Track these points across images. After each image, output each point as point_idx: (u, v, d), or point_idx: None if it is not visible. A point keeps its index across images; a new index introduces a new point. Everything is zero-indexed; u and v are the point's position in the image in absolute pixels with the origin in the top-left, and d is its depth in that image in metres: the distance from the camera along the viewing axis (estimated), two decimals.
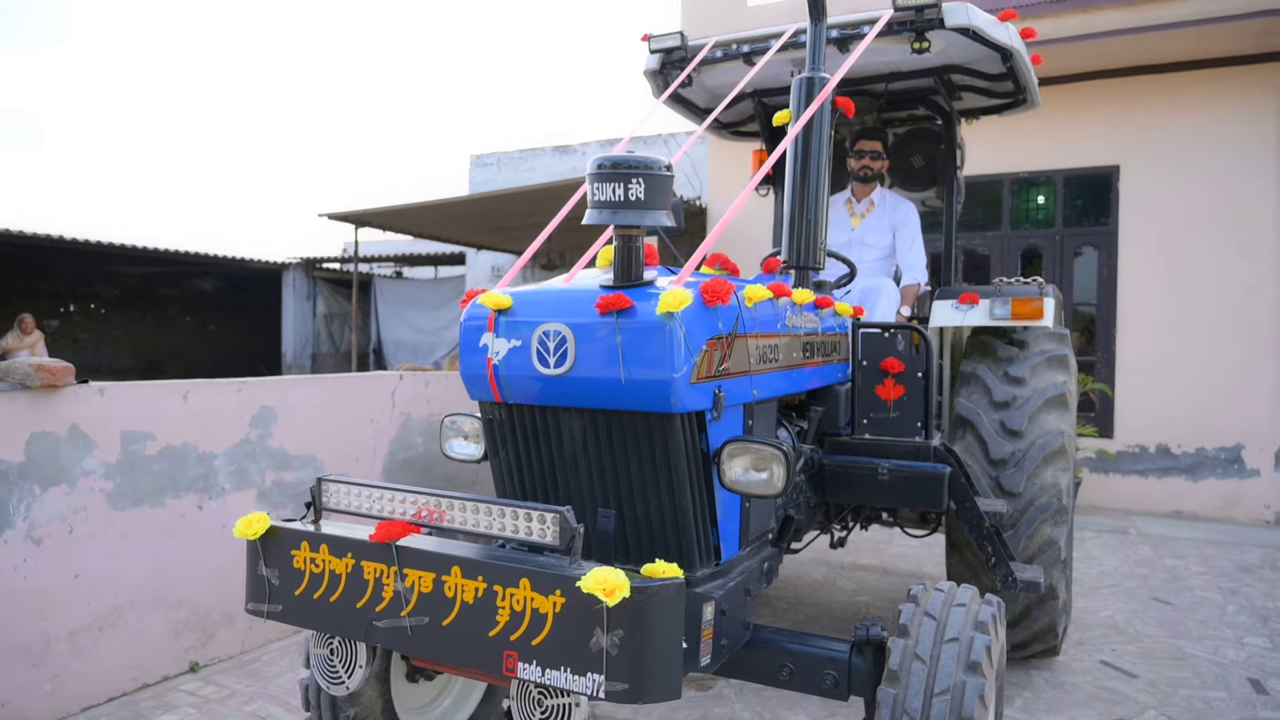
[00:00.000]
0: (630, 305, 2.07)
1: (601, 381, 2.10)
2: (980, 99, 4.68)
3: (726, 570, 2.32)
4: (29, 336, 11.91)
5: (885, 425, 3.42)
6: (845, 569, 5.83)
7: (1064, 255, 8.05)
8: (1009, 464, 3.70)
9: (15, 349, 11.74)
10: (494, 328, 2.25)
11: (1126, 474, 7.73)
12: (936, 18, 3.53)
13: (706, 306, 2.14)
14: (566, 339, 2.13)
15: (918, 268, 4.29)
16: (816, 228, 3.13)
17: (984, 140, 7.81)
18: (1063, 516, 3.68)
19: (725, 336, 2.22)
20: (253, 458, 4.21)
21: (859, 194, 4.45)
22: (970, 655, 1.99)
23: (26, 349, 11.88)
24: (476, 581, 1.63)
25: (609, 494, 2.22)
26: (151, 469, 3.76)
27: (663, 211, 2.11)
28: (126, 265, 16.54)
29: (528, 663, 1.57)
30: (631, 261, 2.17)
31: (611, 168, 2.07)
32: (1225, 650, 4.34)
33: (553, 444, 2.26)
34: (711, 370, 2.16)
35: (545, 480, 2.31)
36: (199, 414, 3.97)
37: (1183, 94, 7.49)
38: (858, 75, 4.33)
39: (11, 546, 3.23)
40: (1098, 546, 6.51)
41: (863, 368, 3.45)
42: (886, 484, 3.26)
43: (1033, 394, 3.80)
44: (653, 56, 4.17)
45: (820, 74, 3.15)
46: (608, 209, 2.08)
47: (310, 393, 4.54)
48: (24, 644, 3.26)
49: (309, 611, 1.85)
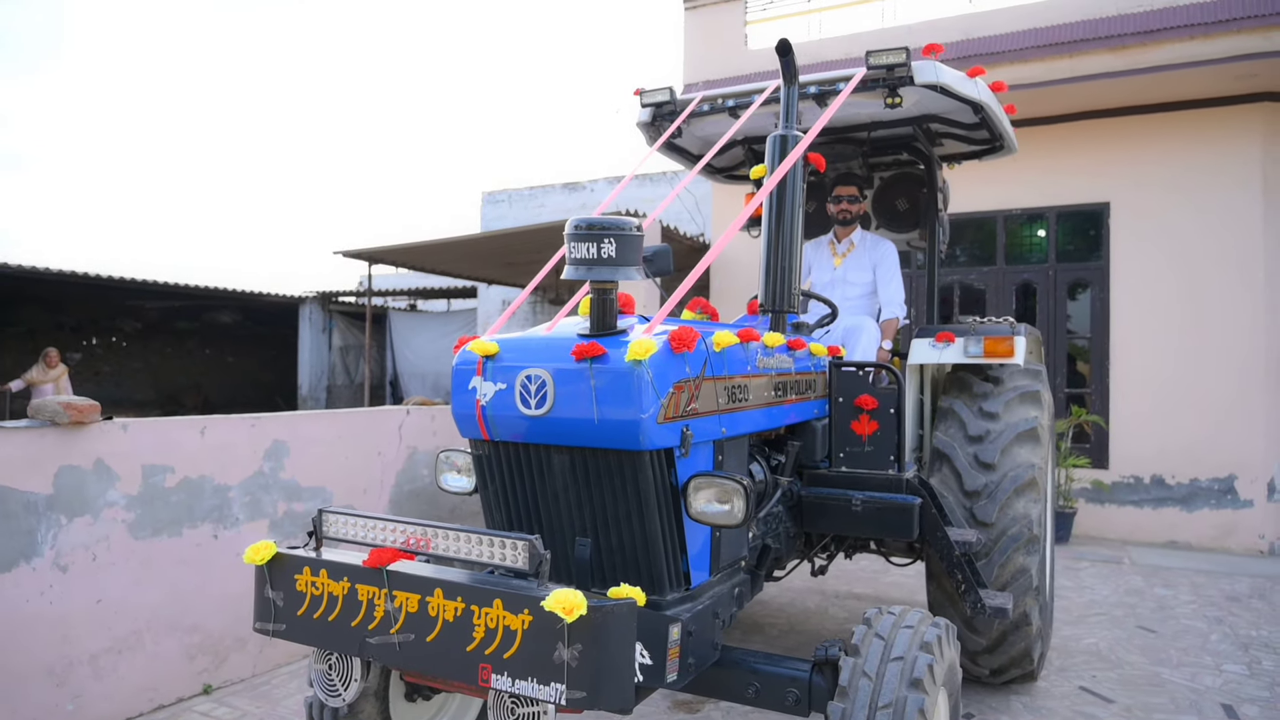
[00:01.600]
0: (603, 352, 2.29)
1: (578, 421, 2.31)
2: (960, 145, 4.91)
3: (696, 595, 2.51)
4: (53, 370, 12.17)
5: (860, 459, 3.61)
6: (839, 597, 5.97)
7: (1057, 290, 8.23)
8: (982, 495, 3.87)
9: (40, 382, 12.01)
10: (482, 372, 2.47)
11: (1122, 504, 7.84)
12: (907, 75, 3.76)
13: (674, 353, 2.36)
14: (546, 382, 2.34)
15: (896, 302, 4.50)
16: (791, 274, 3.36)
17: (978, 178, 8.03)
18: (1035, 546, 3.84)
19: (693, 379, 2.43)
20: (265, 489, 4.44)
21: (840, 235, 4.68)
22: (913, 673, 2.17)
23: (51, 382, 12.13)
24: (456, 602, 1.84)
25: (586, 524, 2.43)
26: (170, 500, 3.99)
27: (633, 267, 2.33)
28: (147, 299, 16.97)
29: (500, 674, 1.77)
30: (605, 312, 2.39)
31: (586, 229, 2.29)
32: (1203, 677, 4.46)
33: (535, 478, 2.47)
34: (679, 411, 2.37)
35: (529, 511, 2.52)
36: (215, 448, 4.20)
37: (1170, 134, 7.71)
38: (841, 124, 4.57)
39: (39, 573, 3.46)
40: (1090, 576, 6.62)
41: (839, 404, 3.64)
42: (860, 515, 3.45)
43: (1005, 428, 3.98)
44: (644, 110, 4.41)
45: (793, 132, 3.39)
46: (583, 265, 2.30)
47: (321, 427, 4.77)
48: (48, 665, 3.48)
49: (310, 630, 2.06)
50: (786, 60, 3.37)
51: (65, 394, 12.42)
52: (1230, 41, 6.56)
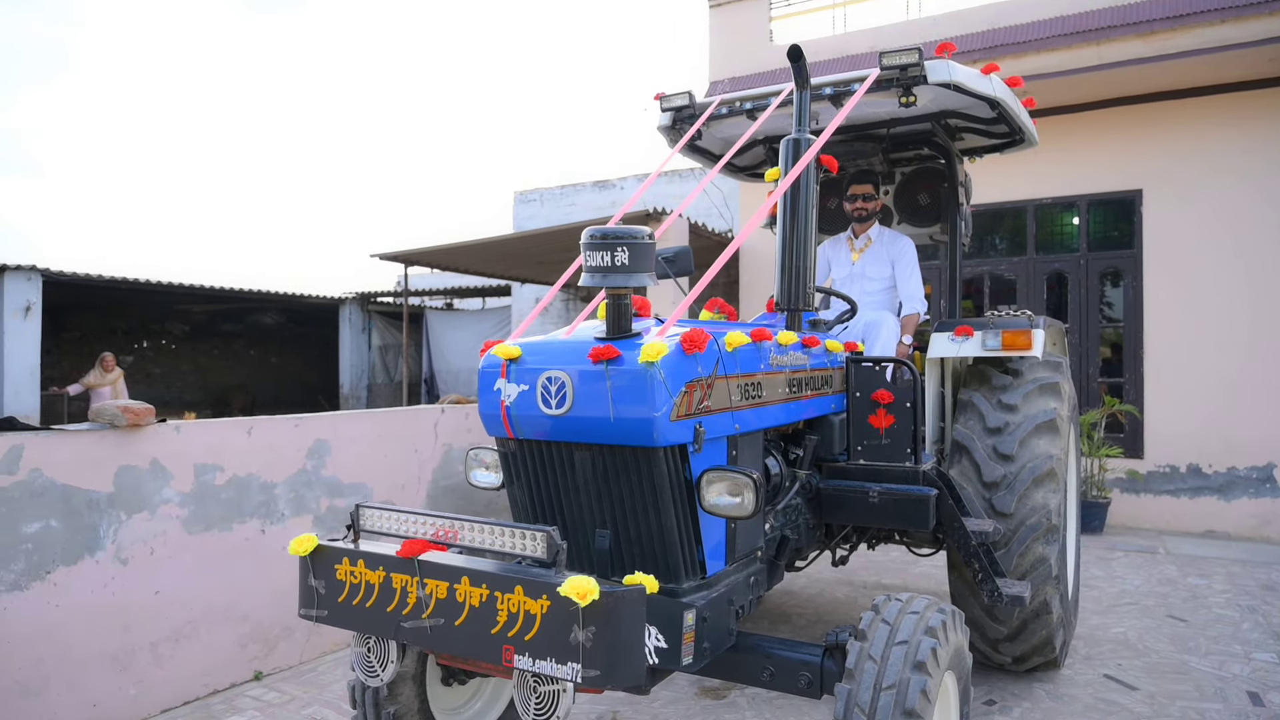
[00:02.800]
0: (618, 355, 2.42)
1: (596, 420, 2.45)
2: (980, 139, 4.96)
3: (711, 583, 2.64)
4: (110, 374, 12.53)
5: (878, 451, 3.70)
6: (867, 588, 6.05)
7: (1089, 279, 8.19)
8: (1001, 486, 3.94)
9: (98, 385, 12.39)
10: (506, 374, 2.62)
11: (1158, 494, 7.80)
12: (920, 75, 3.83)
13: (685, 354, 2.49)
14: (566, 384, 2.49)
15: (916, 298, 4.56)
16: (805, 273, 3.47)
17: (1008, 168, 8.01)
18: (1053, 536, 3.90)
19: (705, 379, 2.56)
20: (309, 486, 4.65)
21: (858, 231, 4.76)
22: (917, 656, 2.28)
23: (108, 385, 12.50)
24: (481, 589, 1.99)
25: (605, 516, 2.57)
26: (220, 497, 4.22)
27: (646, 274, 2.47)
28: (195, 303, 17.48)
29: (522, 655, 1.92)
30: (620, 316, 2.53)
31: (601, 238, 2.43)
32: (1230, 665, 4.48)
33: (557, 474, 2.62)
34: (691, 409, 2.50)
35: (552, 504, 2.67)
36: (261, 447, 4.42)
37: (1201, 119, 7.62)
38: (860, 122, 4.65)
39: (102, 566, 3.70)
40: (1123, 565, 6.62)
41: (856, 399, 3.74)
42: (877, 506, 3.55)
43: (1024, 420, 4.04)
44: (665, 114, 4.53)
45: (805, 135, 3.49)
46: (598, 273, 2.44)
47: (361, 426, 4.98)
48: (111, 652, 3.72)
49: (349, 615, 2.23)
50: (798, 66, 3.47)
51: (122, 396, 12.90)
52: (1261, 24, 6.49)
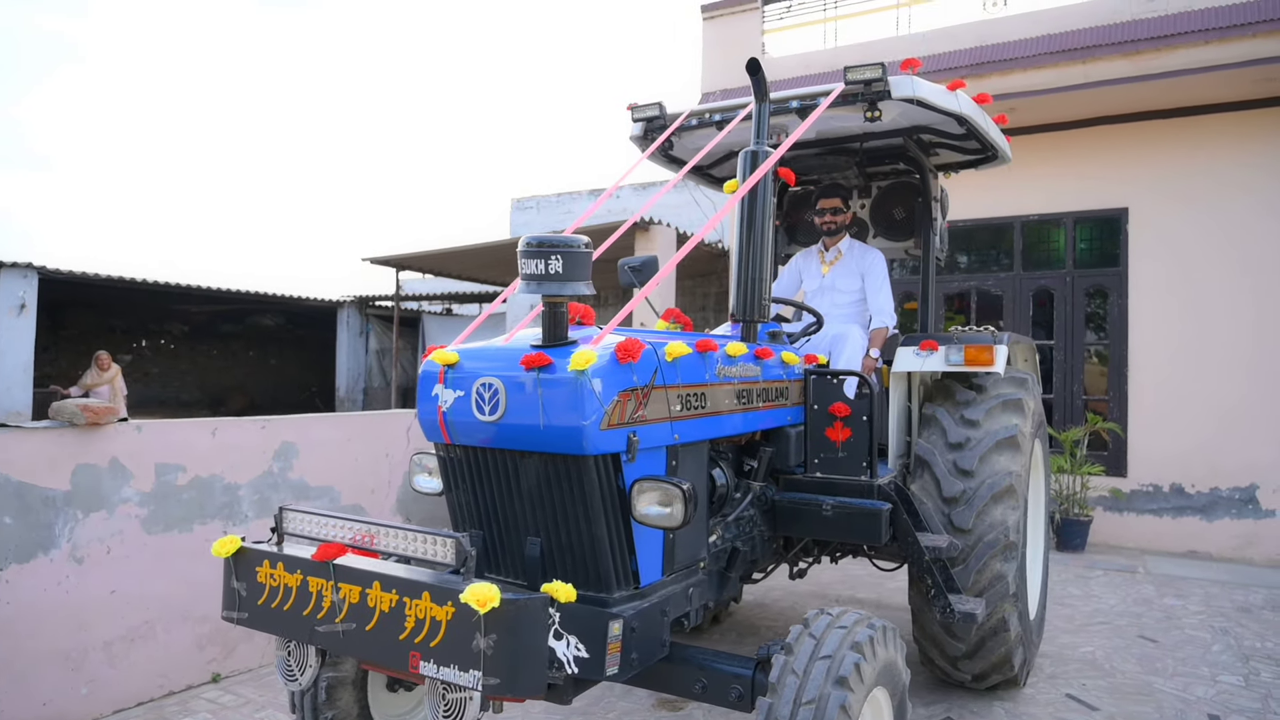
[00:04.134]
0: (549, 362, 2.43)
1: (527, 427, 2.45)
2: (954, 155, 4.96)
3: (644, 593, 2.63)
4: (106, 372, 12.50)
5: (834, 464, 3.70)
6: (841, 602, 6.02)
7: (1075, 296, 8.17)
8: (960, 502, 3.93)
9: (95, 385, 12.34)
10: (444, 380, 2.63)
11: (1141, 513, 7.76)
12: (884, 89, 3.83)
13: (619, 363, 2.49)
14: (499, 390, 2.49)
15: (885, 311, 4.55)
16: (760, 284, 3.46)
17: (995, 183, 8.03)
18: (1011, 552, 3.88)
19: (640, 388, 2.56)
20: (274, 488, 4.66)
21: (828, 245, 4.76)
22: (839, 671, 2.27)
23: (105, 384, 12.45)
24: (391, 594, 1.99)
25: (537, 524, 2.57)
26: (182, 498, 4.23)
27: (582, 283, 2.47)
28: (194, 304, 17.57)
29: (427, 661, 1.92)
30: (555, 324, 2.53)
31: (536, 246, 2.43)
32: (1195, 688, 4.44)
33: (490, 480, 2.62)
34: (625, 418, 2.49)
35: (487, 511, 2.67)
36: (226, 448, 4.43)
37: (1188, 138, 7.61)
38: (833, 136, 4.66)
39: (56, 564, 3.71)
40: (1100, 585, 6.58)
41: (813, 411, 3.73)
42: (830, 519, 3.54)
43: (985, 436, 4.03)
44: (636, 124, 4.54)
45: (763, 148, 3.50)
46: (534, 281, 2.44)
47: (330, 429, 4.99)
48: (64, 651, 3.72)
49: (268, 619, 2.23)
50: (757, 79, 3.47)
51: (120, 395, 12.87)
52: (1246, 46, 6.49)
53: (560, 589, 2.07)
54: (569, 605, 2.17)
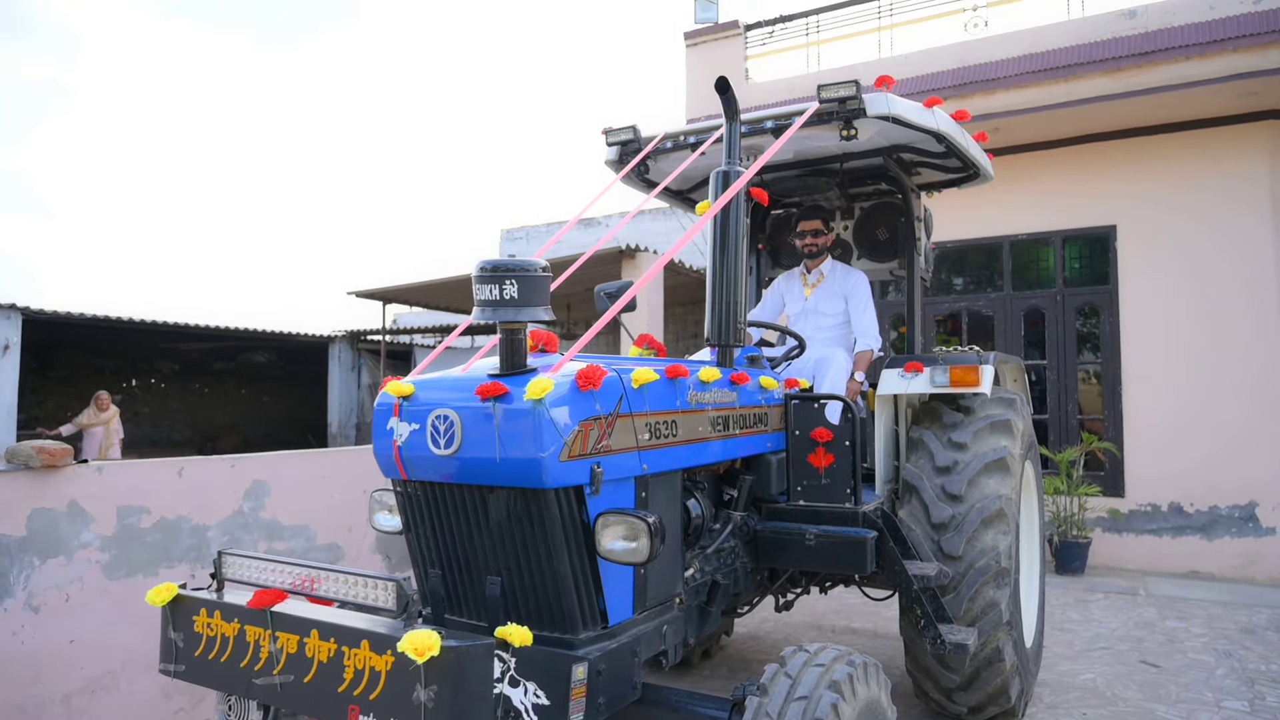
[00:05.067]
0: (505, 391, 2.32)
1: (484, 461, 2.34)
2: (936, 174, 4.89)
3: (613, 633, 2.50)
4: (104, 413, 12.19)
5: (817, 492, 3.57)
6: (836, 633, 5.86)
7: (1066, 315, 8.08)
8: (949, 528, 3.80)
9: (92, 425, 12.04)
10: (398, 413, 2.51)
11: (1140, 533, 7.61)
12: (859, 107, 3.76)
13: (580, 391, 2.37)
14: (454, 422, 2.38)
15: (870, 334, 4.45)
16: (735, 308, 3.36)
17: (982, 203, 7.99)
18: (1004, 579, 3.75)
19: (604, 417, 2.45)
20: (246, 529, 4.51)
21: (810, 267, 4.67)
22: (815, 712, 2.13)
23: (102, 425, 12.16)
24: (329, 643, 1.86)
25: (498, 562, 2.44)
26: (146, 541, 4.08)
27: (540, 308, 2.37)
28: (185, 342, 17.47)
29: (366, 715, 1.79)
30: (513, 351, 2.42)
31: (491, 270, 2.33)
32: (1199, 714, 4.29)
33: (448, 517, 2.50)
34: (587, 449, 2.38)
35: (447, 549, 2.54)
36: (193, 488, 4.29)
37: (1175, 154, 7.58)
38: (814, 156, 4.59)
39: (11, 614, 3.56)
40: (1101, 608, 6.42)
41: (795, 437, 3.62)
42: (814, 548, 3.41)
43: (973, 459, 3.91)
44: (611, 148, 4.47)
45: (735, 168, 3.42)
46: (489, 307, 2.34)
47: (303, 466, 4.85)
48: (19, 705, 3.56)
49: (206, 671, 2.10)
50: (726, 98, 3.40)
51: (116, 437, 12.63)
52: (1227, 61, 6.46)
53: (514, 632, 1.94)
54: (526, 649, 2.04)
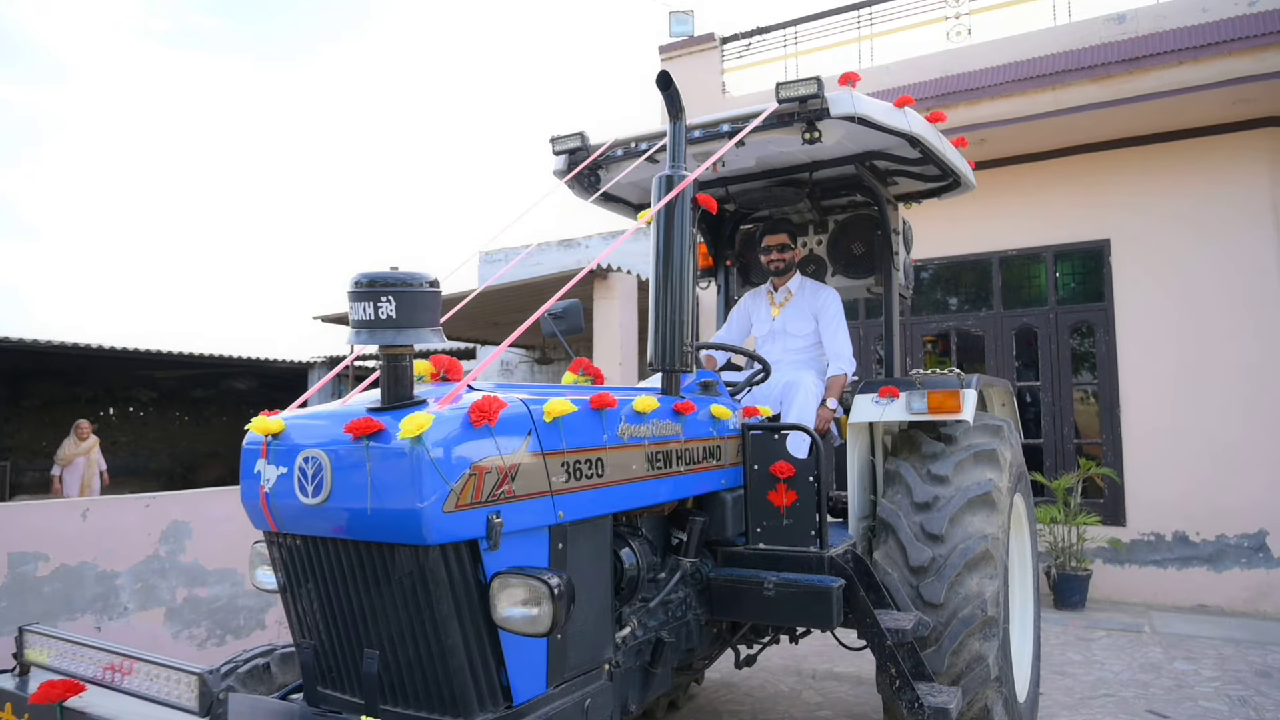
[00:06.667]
0: (379, 429, 1.95)
1: (356, 512, 1.96)
2: (914, 184, 4.55)
3: (521, 713, 2.11)
4: (85, 442, 11.78)
5: (778, 534, 3.19)
6: (816, 679, 5.44)
7: (1059, 334, 7.71)
8: (929, 572, 3.41)
9: (72, 456, 11.63)
10: (266, 454, 2.14)
11: (1143, 565, 7.19)
12: (821, 107, 3.43)
13: (473, 427, 2.00)
14: (324, 465, 2.00)
15: (844, 356, 4.09)
16: (680, 328, 2.99)
17: (969, 216, 7.66)
18: (991, 629, 3.35)
19: (503, 457, 2.07)
20: (162, 575, 4.13)
21: (777, 285, 4.31)
22: None
23: (83, 455, 11.76)
24: None
25: (376, 632, 2.05)
26: (43, 590, 3.70)
27: (426, 329, 2.00)
28: (163, 369, 17.06)
29: None
30: (394, 382, 2.05)
31: (368, 285, 1.97)
32: None
33: (321, 577, 2.12)
34: (481, 496, 2.00)
35: (323, 614, 2.16)
36: (101, 531, 3.91)
37: (1171, 164, 7.24)
38: (780, 165, 4.25)
39: None
40: (1103, 648, 5.99)
41: (754, 472, 3.24)
42: (773, 599, 3.03)
43: (955, 494, 3.53)
44: (559, 158, 4.13)
45: (679, 171, 3.06)
46: (364, 329, 1.97)
47: (230, 504, 4.46)
48: None
49: None
50: (668, 94, 3.07)
51: (98, 467, 12.17)
52: (1221, 65, 6.14)
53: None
54: None
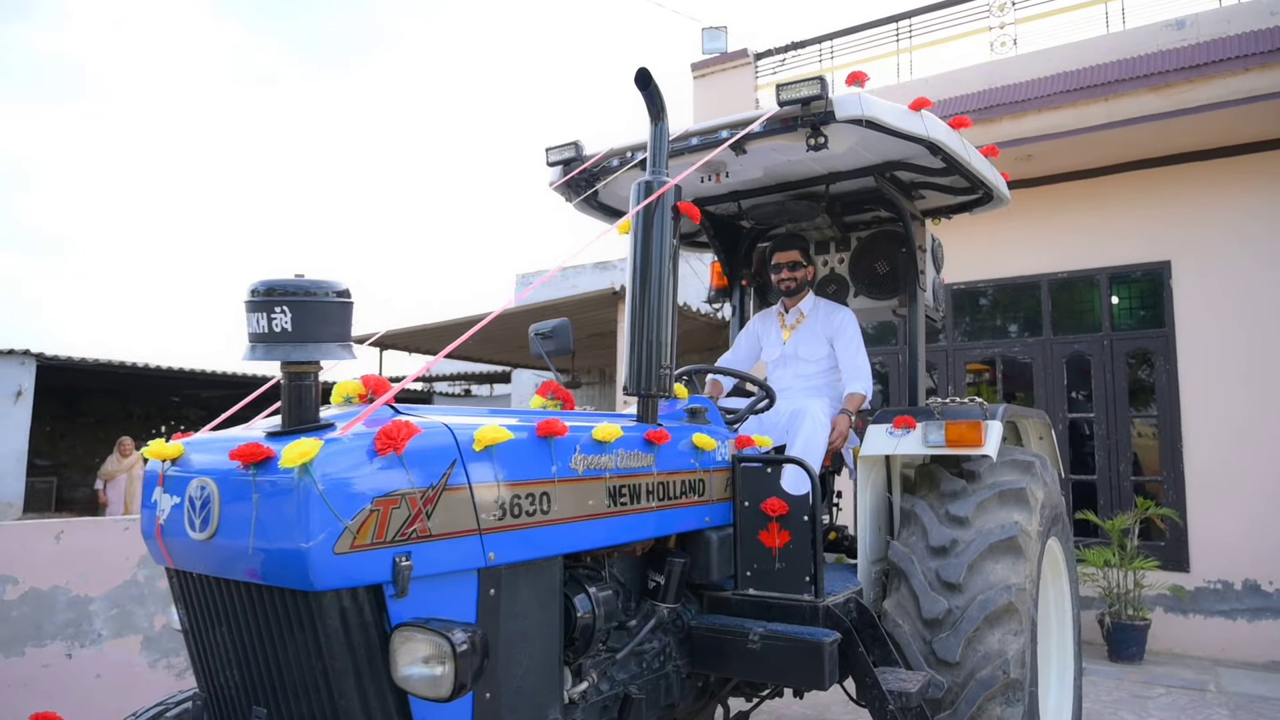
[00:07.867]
0: (269, 456, 1.71)
1: (240, 550, 1.73)
2: (944, 197, 4.21)
3: None
4: (127, 459, 11.90)
5: (769, 578, 2.88)
6: None
7: (1115, 362, 7.20)
8: (944, 625, 3.04)
9: (115, 473, 11.74)
10: (163, 481, 1.93)
11: (1209, 615, 6.60)
12: (825, 110, 3.15)
13: (377, 454, 1.76)
14: (212, 496, 1.78)
15: (863, 374, 3.77)
16: (658, 349, 2.71)
17: (1017, 239, 7.25)
18: (1015, 693, 2.97)
19: (417, 490, 1.82)
20: (139, 601, 3.97)
21: (788, 306, 4.01)
22: None
23: (124, 472, 11.88)
24: None
25: (266, 687, 1.81)
26: (10, 616, 3.56)
27: (332, 344, 1.77)
28: (212, 389, 17.35)
29: None
30: (296, 403, 1.82)
31: (264, 294, 1.75)
32: None
33: (212, 623, 1.88)
34: (385, 535, 1.75)
35: (216, 664, 1.92)
36: (74, 554, 3.77)
37: (1236, 180, 6.72)
38: (794, 177, 3.96)
39: None
40: (1162, 707, 5.46)
41: (744, 509, 2.94)
42: (758, 654, 2.70)
43: (975, 537, 3.16)
44: (554, 169, 3.92)
45: (659, 178, 2.80)
46: (260, 344, 1.75)
47: None
48: None
49: None
50: (648, 93, 2.81)
51: (139, 483, 12.25)
52: None
53: None
54: None
